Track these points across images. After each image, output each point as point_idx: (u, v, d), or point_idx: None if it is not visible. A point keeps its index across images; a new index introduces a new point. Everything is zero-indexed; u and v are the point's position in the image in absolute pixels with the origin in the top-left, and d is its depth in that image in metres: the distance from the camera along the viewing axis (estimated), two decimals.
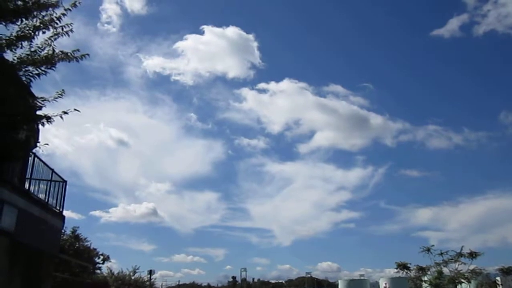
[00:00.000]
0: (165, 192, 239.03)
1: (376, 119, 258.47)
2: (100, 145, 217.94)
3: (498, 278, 60.69)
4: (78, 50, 11.60)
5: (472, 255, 33.09)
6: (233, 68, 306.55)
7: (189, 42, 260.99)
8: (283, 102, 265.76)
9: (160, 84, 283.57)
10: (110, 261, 45.05)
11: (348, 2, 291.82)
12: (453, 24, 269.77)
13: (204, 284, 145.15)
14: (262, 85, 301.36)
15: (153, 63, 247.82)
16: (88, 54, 11.85)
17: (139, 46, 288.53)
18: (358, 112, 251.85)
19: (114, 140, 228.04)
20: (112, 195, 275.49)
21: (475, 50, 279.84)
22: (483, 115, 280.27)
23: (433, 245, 34.08)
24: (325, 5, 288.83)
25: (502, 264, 44.32)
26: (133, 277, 42.90)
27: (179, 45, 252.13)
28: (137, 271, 44.75)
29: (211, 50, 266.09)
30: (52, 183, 16.84)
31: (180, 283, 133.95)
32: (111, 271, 42.29)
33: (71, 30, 11.46)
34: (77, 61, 11.65)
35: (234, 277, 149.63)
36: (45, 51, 11.20)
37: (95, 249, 41.86)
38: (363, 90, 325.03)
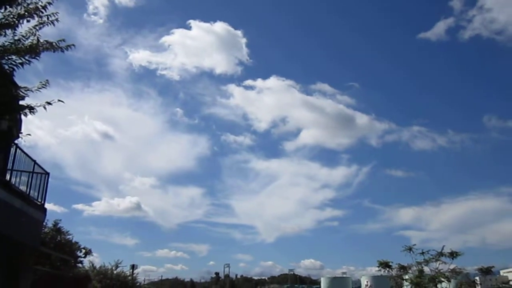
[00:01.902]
0: (150, 187, 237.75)
1: (362, 119, 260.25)
2: (84, 138, 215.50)
3: (477, 278, 61.70)
4: (63, 40, 11.39)
5: (453, 254, 33.68)
6: (220, 64, 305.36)
7: (176, 36, 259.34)
8: (270, 99, 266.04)
9: (146, 77, 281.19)
10: (92, 255, 44.63)
11: (337, 3, 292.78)
12: (440, 28, 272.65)
13: (187, 279, 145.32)
14: (249, 82, 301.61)
15: (139, 56, 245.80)
16: (73, 45, 11.64)
17: (124, 38, 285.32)
18: (344, 111, 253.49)
19: (99, 133, 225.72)
20: (95, 189, 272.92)
21: (461, 54, 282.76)
22: (467, 117, 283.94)
23: (414, 245, 34.65)
24: (314, 4, 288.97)
25: (482, 264, 45.35)
26: (115, 272, 42.43)
27: (166, 39, 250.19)
28: (119, 265, 44.26)
29: (199, 45, 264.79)
30: (34, 175, 16.57)
31: (163, 278, 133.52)
32: (93, 265, 41.82)
33: (57, 20, 11.23)
34: (62, 51, 11.44)
35: (217, 273, 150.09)
36: (29, 40, 10.98)
37: (77, 243, 41.43)
38: (349, 89, 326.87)
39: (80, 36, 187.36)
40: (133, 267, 55.51)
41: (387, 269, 36.08)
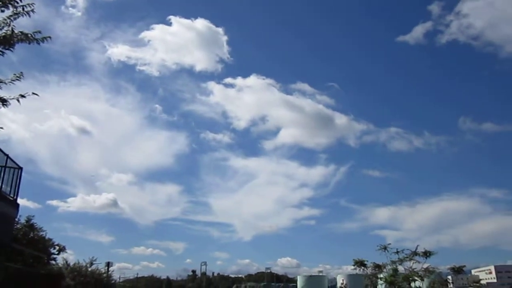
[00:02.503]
0: (126, 183, 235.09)
1: (341, 119, 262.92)
2: (60, 133, 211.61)
3: (449, 277, 63.08)
4: (39, 32, 11.12)
5: (426, 254, 34.39)
6: (200, 61, 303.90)
7: (156, 32, 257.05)
8: (249, 98, 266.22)
9: (124, 72, 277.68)
10: (66, 252, 43.95)
11: (319, 5, 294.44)
12: (418, 32, 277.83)
13: (163, 277, 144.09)
14: (229, 80, 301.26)
15: (118, 51, 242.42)
16: (49, 37, 11.37)
17: (103, 32, 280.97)
18: (323, 111, 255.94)
19: (75, 128, 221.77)
20: (71, 185, 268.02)
21: (438, 58, 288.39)
22: (443, 120, 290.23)
23: (389, 244, 35.27)
24: (297, 5, 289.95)
25: (454, 263, 46.06)
26: (89, 269, 41.89)
27: (146, 34, 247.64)
28: (94, 262, 43.72)
29: (179, 42, 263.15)
30: (7, 169, 16.19)
31: (139, 275, 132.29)
32: (66, 262, 41.21)
33: (32, 11, 10.96)
34: (38, 43, 11.17)
35: (194, 271, 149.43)
36: (3, 31, 10.69)
37: (50, 239, 40.74)
38: (329, 90, 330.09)
39: (57, 28, 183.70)
40: (108, 264, 54.92)
41: (362, 267, 36.59)
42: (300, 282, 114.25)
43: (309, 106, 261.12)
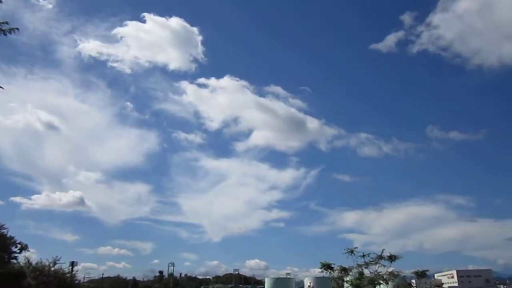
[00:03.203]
0: (94, 181, 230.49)
1: (312, 123, 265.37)
2: (27, 127, 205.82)
3: (413, 281, 64.61)
4: (6, 22, 10.82)
5: (391, 258, 34.99)
6: (174, 60, 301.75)
7: (130, 28, 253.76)
8: (223, 99, 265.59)
9: (95, 68, 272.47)
10: (28, 251, 42.81)
11: (295, 10, 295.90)
12: (390, 41, 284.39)
13: (130, 278, 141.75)
14: (202, 80, 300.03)
15: (89, 46, 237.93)
16: (17, 28, 11.08)
17: (74, 25, 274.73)
18: (296, 115, 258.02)
19: (42, 123, 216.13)
20: (36, 181, 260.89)
21: (409, 67, 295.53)
22: (412, 127, 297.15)
23: (356, 247, 35.71)
24: (273, 8, 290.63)
25: (418, 267, 47.07)
26: (53, 269, 40.88)
27: (119, 31, 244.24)
28: (57, 262, 42.68)
29: (153, 40, 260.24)
30: None
31: (104, 276, 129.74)
32: (28, 261, 40.08)
33: (0, 1, 10.65)
34: (5, 34, 10.87)
35: (161, 272, 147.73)
36: None
37: (12, 237, 39.66)
38: (302, 93, 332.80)
39: (26, 20, 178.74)
40: (72, 264, 53.56)
41: (329, 270, 36.87)
42: (267, 284, 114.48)
43: (281, 109, 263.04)
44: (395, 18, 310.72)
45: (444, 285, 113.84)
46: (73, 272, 51.32)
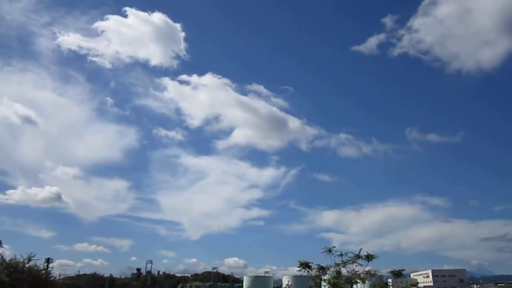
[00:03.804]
0: (72, 177, 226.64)
1: (294, 122, 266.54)
2: (2, 121, 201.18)
3: (389, 280, 65.33)
4: None
5: (369, 257, 35.42)
6: (156, 55, 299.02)
7: (111, 23, 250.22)
8: (204, 96, 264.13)
9: (74, 62, 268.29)
10: (2, 247, 42.06)
11: (279, 9, 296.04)
12: (372, 43, 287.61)
13: (106, 275, 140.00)
14: (184, 77, 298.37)
15: (69, 40, 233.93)
16: None
17: (53, 17, 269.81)
18: (277, 114, 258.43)
19: (19, 116, 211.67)
20: (11, 176, 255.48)
21: (389, 69, 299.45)
22: (392, 129, 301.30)
23: (334, 247, 36.02)
24: (257, 7, 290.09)
25: (394, 267, 47.78)
26: (27, 265, 40.20)
27: (100, 24, 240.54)
28: (32, 258, 41.98)
29: (134, 35, 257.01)
30: None
31: (80, 273, 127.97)
32: (2, 257, 39.38)
33: None
34: None
35: (139, 269, 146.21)
36: None
37: None
38: (284, 93, 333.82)
39: (3, 10, 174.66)
40: (48, 261, 52.63)
41: (307, 269, 37.10)
42: (246, 282, 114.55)
43: (263, 108, 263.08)
44: (377, 21, 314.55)
45: (419, 285, 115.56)
46: (48, 269, 50.47)
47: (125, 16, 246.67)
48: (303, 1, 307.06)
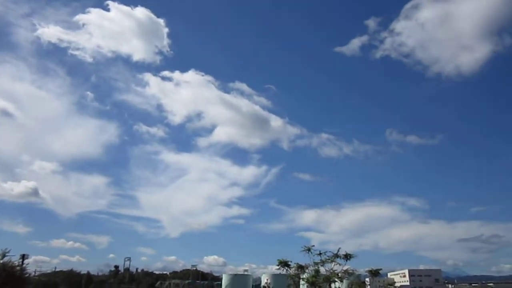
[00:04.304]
0: (50, 172, 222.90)
1: (276, 121, 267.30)
2: None
3: (367, 279, 66.13)
4: None
5: (347, 256, 35.80)
6: (138, 50, 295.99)
7: (93, 16, 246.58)
8: (187, 93, 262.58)
9: (54, 55, 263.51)
10: None
11: (263, 8, 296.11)
12: (355, 44, 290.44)
13: (83, 272, 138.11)
14: (167, 73, 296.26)
15: (49, 32, 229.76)
16: None
17: (33, 8, 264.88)
18: (260, 112, 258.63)
19: None
20: None
21: (372, 72, 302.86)
22: (372, 130, 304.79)
23: (313, 246, 36.29)
24: (241, 5, 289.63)
25: (372, 266, 48.37)
26: (1, 261, 39.27)
27: (81, 17, 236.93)
28: (7, 254, 40.97)
29: (116, 29, 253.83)
30: None
31: (57, 270, 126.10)
32: None
33: None
34: None
35: (116, 266, 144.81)
36: None
37: None
38: (267, 91, 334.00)
39: None
40: (23, 257, 51.57)
41: (286, 268, 37.28)
42: (225, 280, 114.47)
43: (246, 106, 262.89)
44: (360, 23, 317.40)
45: (396, 284, 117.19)
46: (24, 265, 49.44)
47: (107, 9, 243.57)
48: (288, 2, 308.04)
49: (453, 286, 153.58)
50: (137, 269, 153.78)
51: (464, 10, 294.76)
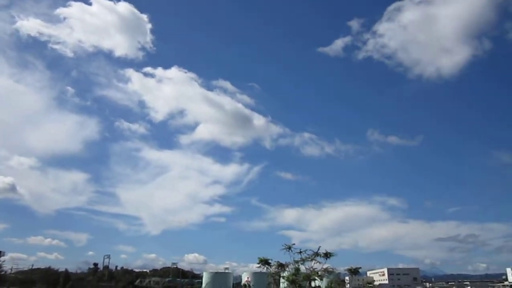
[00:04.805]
0: (28, 167, 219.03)
1: (259, 120, 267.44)
2: None
3: (347, 278, 66.65)
4: None
5: (327, 255, 36.18)
6: (120, 46, 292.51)
7: (74, 10, 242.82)
8: (169, 90, 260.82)
9: (34, 48, 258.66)
10: None
11: (247, 6, 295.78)
12: (338, 45, 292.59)
13: (62, 269, 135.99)
14: (149, 69, 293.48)
15: (29, 25, 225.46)
16: None
17: None
18: (243, 111, 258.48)
19: None
20: None
21: (354, 72, 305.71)
22: (354, 130, 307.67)
23: (293, 244, 36.55)
24: (226, 3, 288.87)
25: (351, 265, 48.83)
26: None
27: (62, 11, 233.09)
28: None
29: (99, 23, 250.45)
30: None
31: (34, 267, 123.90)
32: None
33: None
34: None
35: (96, 264, 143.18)
36: None
37: None
38: (250, 90, 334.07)
39: None
40: None
41: (267, 266, 37.43)
42: (205, 278, 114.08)
43: (229, 104, 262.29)
44: (343, 23, 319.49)
45: (375, 282, 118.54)
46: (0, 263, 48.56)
47: (89, 3, 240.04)
48: (272, 2, 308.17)
49: (430, 284, 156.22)
50: (116, 267, 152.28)
51: (445, 13, 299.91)
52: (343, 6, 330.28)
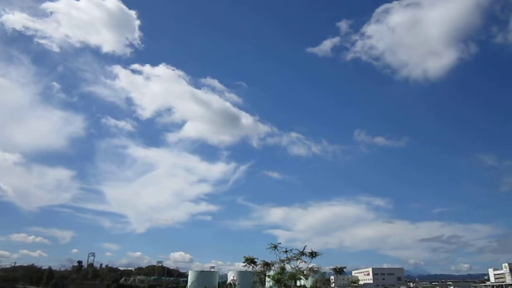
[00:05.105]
0: (12, 163, 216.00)
1: (247, 119, 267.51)
2: None
3: (332, 277, 67.09)
4: None
5: (312, 254, 36.17)
6: (108, 42, 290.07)
7: (61, 4, 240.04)
8: (157, 87, 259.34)
9: (19, 42, 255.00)
10: None
11: (237, 5, 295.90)
12: (326, 46, 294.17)
13: (45, 267, 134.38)
14: (137, 66, 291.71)
15: (14, 19, 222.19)
16: None
17: None
18: (230, 109, 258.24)
19: None
20: None
21: (342, 73, 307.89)
22: (341, 130, 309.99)
23: (280, 243, 36.47)
24: (215, 1, 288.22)
25: (337, 264, 49.05)
26: None
27: (49, 5, 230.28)
28: None
29: (86, 19, 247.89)
30: None
31: (17, 265, 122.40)
32: None
33: None
34: None
35: (80, 262, 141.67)
36: None
37: None
38: (238, 88, 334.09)
39: None
40: None
41: (252, 265, 37.34)
42: (190, 277, 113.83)
43: (217, 103, 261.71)
44: (332, 24, 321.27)
45: (360, 282, 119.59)
46: None
47: None
48: (261, 2, 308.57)
49: (414, 284, 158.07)
50: (101, 264, 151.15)
51: (433, 17, 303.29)
52: (332, 7, 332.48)
